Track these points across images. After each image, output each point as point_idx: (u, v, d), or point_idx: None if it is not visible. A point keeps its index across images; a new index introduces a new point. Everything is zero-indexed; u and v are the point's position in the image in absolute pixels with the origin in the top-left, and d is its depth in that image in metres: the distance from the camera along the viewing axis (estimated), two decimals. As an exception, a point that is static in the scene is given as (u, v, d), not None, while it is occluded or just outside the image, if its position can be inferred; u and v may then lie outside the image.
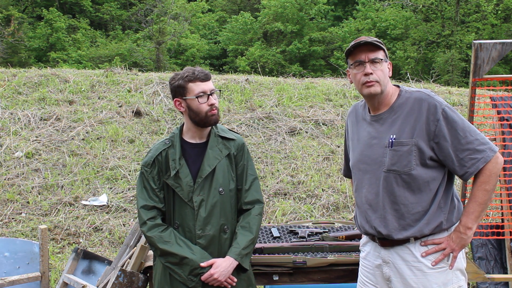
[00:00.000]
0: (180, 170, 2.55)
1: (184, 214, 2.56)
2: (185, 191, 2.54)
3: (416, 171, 2.28)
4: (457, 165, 2.27)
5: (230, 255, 2.55)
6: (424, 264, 2.33)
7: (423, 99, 2.29)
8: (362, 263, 2.56)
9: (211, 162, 2.57)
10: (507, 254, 4.03)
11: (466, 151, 2.25)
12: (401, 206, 2.32)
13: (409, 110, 2.31)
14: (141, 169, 2.62)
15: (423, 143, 2.27)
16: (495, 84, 10.64)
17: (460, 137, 2.24)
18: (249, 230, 2.60)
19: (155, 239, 2.52)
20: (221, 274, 2.51)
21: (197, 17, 27.55)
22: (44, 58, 22.98)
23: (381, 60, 2.33)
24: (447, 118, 2.25)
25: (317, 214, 5.79)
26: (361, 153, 2.44)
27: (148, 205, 2.56)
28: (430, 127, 2.26)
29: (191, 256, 2.50)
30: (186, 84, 2.53)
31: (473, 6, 22.73)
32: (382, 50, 2.35)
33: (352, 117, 2.57)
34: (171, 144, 2.60)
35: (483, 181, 2.26)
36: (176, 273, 2.53)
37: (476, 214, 2.29)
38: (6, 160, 6.57)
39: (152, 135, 7.37)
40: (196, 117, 2.54)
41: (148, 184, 2.58)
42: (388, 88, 2.37)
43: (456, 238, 2.32)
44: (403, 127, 2.31)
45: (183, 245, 2.52)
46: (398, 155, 2.30)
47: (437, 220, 2.31)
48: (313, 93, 8.66)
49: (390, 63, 2.39)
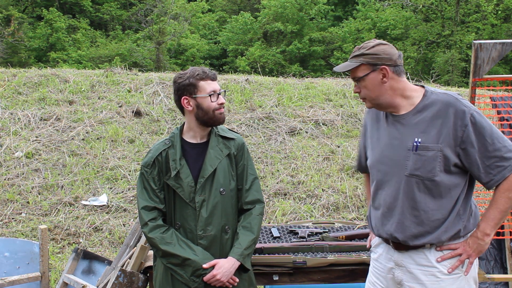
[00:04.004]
0: (180, 170, 2.54)
1: (186, 214, 2.55)
2: (186, 192, 2.53)
3: (439, 177, 2.22)
4: (482, 172, 2.20)
5: (233, 256, 2.55)
6: (439, 269, 2.27)
7: (451, 103, 2.21)
8: (374, 265, 2.51)
9: (213, 162, 2.56)
10: (507, 254, 4.03)
11: (493, 158, 2.18)
12: (421, 212, 2.26)
13: (436, 113, 2.23)
14: (141, 169, 2.60)
15: (448, 149, 2.20)
16: (495, 84, 10.63)
17: (487, 144, 2.17)
18: (251, 230, 2.60)
19: (156, 240, 2.51)
20: (223, 275, 2.51)
21: (197, 17, 27.53)
22: (44, 58, 22.96)
23: (361, 77, 2.27)
24: (475, 124, 2.17)
25: (317, 214, 5.80)
26: (381, 153, 2.37)
27: (149, 206, 2.55)
28: (458, 132, 2.19)
29: (193, 257, 2.50)
30: (197, 83, 2.52)
31: (473, 6, 22.73)
32: (364, 64, 2.26)
33: (372, 113, 2.47)
34: (171, 144, 2.58)
35: (507, 189, 2.19)
36: (178, 274, 2.53)
37: (496, 221, 2.22)
38: (6, 160, 6.57)
39: (152, 135, 7.37)
40: (205, 115, 2.53)
41: (149, 184, 2.56)
42: (388, 96, 2.29)
43: (473, 243, 2.25)
44: (428, 130, 2.23)
45: (185, 246, 2.52)
46: (422, 160, 2.23)
47: (456, 228, 2.25)
48: (313, 93, 8.66)
49: (382, 67, 2.24)
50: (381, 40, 2.36)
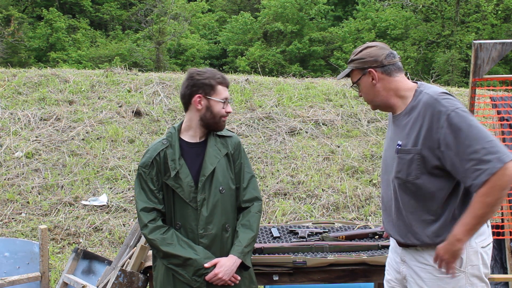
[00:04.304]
0: (180, 170, 2.53)
1: (186, 214, 2.54)
2: (186, 192, 2.52)
3: (421, 180, 2.19)
4: (463, 175, 2.09)
5: (234, 254, 2.56)
6: (436, 268, 2.25)
7: (429, 104, 2.16)
8: (389, 255, 2.58)
9: (212, 160, 2.56)
10: (507, 254, 4.03)
11: (471, 161, 2.05)
12: (408, 213, 2.27)
13: (417, 115, 2.20)
14: (139, 170, 2.57)
15: (428, 151, 2.15)
16: (495, 84, 10.63)
17: (464, 146, 2.06)
18: (250, 228, 2.61)
19: (157, 242, 2.50)
20: (225, 273, 2.51)
21: (197, 17, 27.53)
22: (44, 58, 22.96)
23: (355, 82, 2.34)
24: (451, 125, 2.08)
25: (317, 214, 5.80)
26: (384, 153, 2.46)
27: (148, 207, 2.53)
28: (434, 134, 2.13)
29: (195, 257, 2.50)
30: (216, 85, 2.55)
31: (473, 6, 22.73)
32: (355, 70, 2.32)
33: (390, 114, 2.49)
34: (168, 144, 2.57)
35: (483, 193, 2.03)
36: (179, 274, 2.52)
37: (469, 226, 2.09)
38: (6, 160, 6.57)
39: (152, 135, 7.37)
40: (211, 119, 2.55)
41: (147, 185, 2.55)
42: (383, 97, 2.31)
43: (444, 247, 2.16)
44: (411, 133, 2.22)
45: (186, 246, 2.51)
46: (402, 163, 2.23)
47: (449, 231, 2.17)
48: (313, 93, 8.66)
49: (370, 70, 2.27)
50: (370, 43, 2.37)
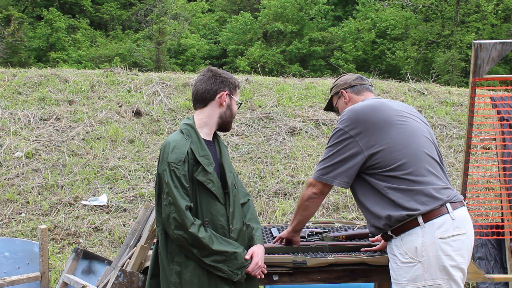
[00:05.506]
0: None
1: (214, 210, 2.51)
2: (217, 187, 2.51)
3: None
4: None
5: (259, 242, 2.66)
6: (398, 258, 2.46)
7: None
8: None
9: (228, 158, 2.66)
10: (507, 254, 4.04)
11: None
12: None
13: None
14: (170, 166, 2.45)
15: None
16: (495, 84, 10.64)
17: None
18: (256, 221, 2.75)
19: (207, 240, 2.43)
20: (262, 261, 2.61)
21: (197, 17, 27.54)
22: (44, 58, 22.97)
23: (335, 106, 2.89)
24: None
25: (317, 214, 5.80)
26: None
27: (188, 205, 2.44)
28: None
29: (239, 251, 2.51)
30: (237, 88, 2.68)
31: (473, 6, 22.73)
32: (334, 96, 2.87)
33: None
34: (190, 140, 2.52)
35: None
36: (219, 270, 2.47)
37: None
38: (6, 160, 6.57)
39: (152, 135, 7.37)
40: (229, 117, 2.64)
41: (181, 182, 2.45)
42: None
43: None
44: None
45: (224, 241, 2.50)
46: None
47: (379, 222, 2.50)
48: (313, 93, 8.66)
49: (342, 92, 2.82)
50: (345, 73, 3.03)
